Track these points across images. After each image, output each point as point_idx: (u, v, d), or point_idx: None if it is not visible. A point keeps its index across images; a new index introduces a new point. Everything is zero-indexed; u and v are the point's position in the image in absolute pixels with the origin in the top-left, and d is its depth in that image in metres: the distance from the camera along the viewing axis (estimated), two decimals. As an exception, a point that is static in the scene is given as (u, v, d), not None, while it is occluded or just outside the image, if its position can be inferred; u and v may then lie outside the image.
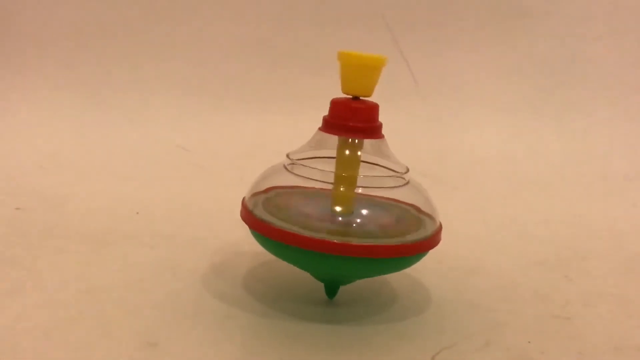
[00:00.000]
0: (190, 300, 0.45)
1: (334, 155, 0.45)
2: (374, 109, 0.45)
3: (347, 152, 0.44)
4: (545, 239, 0.64)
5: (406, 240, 0.42)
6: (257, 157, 0.77)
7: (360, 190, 0.45)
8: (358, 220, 0.43)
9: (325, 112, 0.45)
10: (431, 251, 0.43)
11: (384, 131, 0.46)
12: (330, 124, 0.44)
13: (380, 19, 0.78)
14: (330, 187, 0.44)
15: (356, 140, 0.44)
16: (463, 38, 0.79)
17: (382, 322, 0.44)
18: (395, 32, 0.78)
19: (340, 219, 0.43)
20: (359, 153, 0.45)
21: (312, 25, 0.79)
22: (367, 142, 0.45)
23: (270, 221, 0.42)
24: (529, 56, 0.79)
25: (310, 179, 0.44)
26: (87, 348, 0.38)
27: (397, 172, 0.46)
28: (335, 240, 0.40)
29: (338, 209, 0.43)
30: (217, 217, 0.65)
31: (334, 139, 0.45)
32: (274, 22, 0.80)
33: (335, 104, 0.45)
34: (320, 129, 0.45)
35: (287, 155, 0.46)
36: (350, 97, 0.44)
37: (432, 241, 0.43)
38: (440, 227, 0.45)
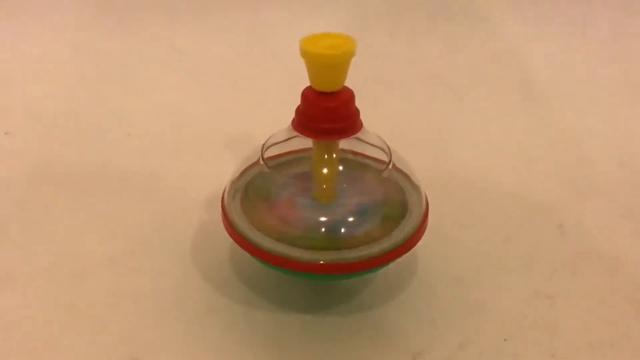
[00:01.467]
0: (174, 291, 0.46)
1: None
2: (348, 102, 0.41)
3: (324, 155, 0.43)
4: (549, 168, 0.61)
5: (392, 244, 0.42)
6: (252, 56, 0.73)
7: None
8: (343, 230, 0.42)
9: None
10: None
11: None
12: (303, 125, 0.42)
13: None
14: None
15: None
16: None
17: (355, 311, 0.45)
18: None
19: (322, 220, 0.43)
20: (334, 155, 0.43)
21: None
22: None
23: (251, 238, 0.42)
24: None
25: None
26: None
27: (380, 161, 0.45)
28: (321, 262, 0.40)
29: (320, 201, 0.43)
30: (209, 140, 0.63)
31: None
32: None
33: (305, 100, 0.42)
34: (292, 126, 0.43)
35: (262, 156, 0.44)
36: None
37: (418, 235, 0.43)
38: (427, 207, 0.45)
